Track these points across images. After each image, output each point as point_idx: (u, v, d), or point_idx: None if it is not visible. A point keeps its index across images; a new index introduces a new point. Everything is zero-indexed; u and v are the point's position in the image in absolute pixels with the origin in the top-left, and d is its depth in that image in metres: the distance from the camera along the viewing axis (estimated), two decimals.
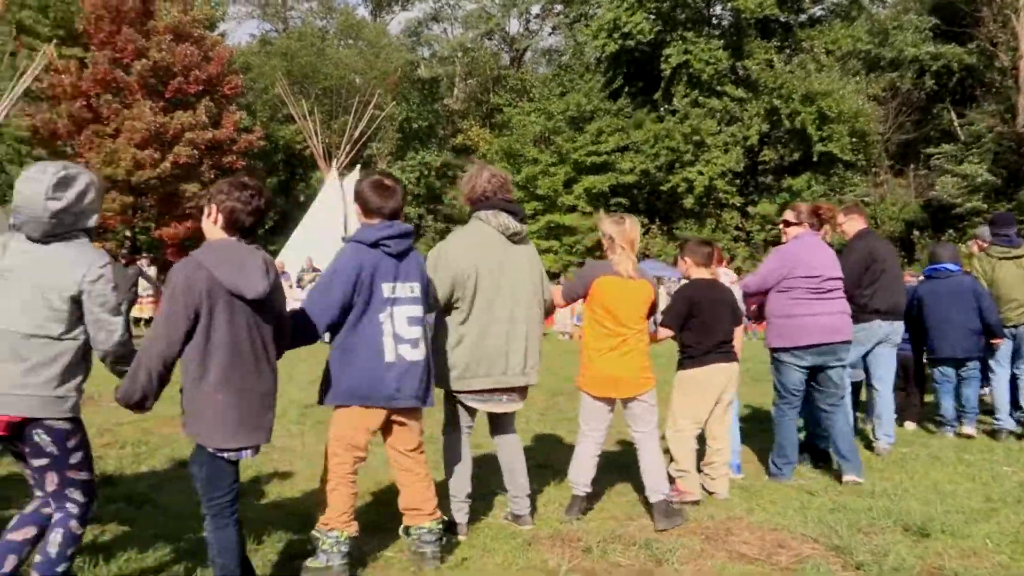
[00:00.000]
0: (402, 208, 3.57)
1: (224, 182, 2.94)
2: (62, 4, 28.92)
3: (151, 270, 18.65)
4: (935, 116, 32.55)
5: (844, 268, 5.30)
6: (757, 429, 6.64)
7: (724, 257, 5.73)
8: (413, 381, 3.38)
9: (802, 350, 5.01)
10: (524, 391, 4.08)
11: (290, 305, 3.30)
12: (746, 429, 6.41)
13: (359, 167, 22.66)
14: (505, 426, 4.15)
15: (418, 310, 3.46)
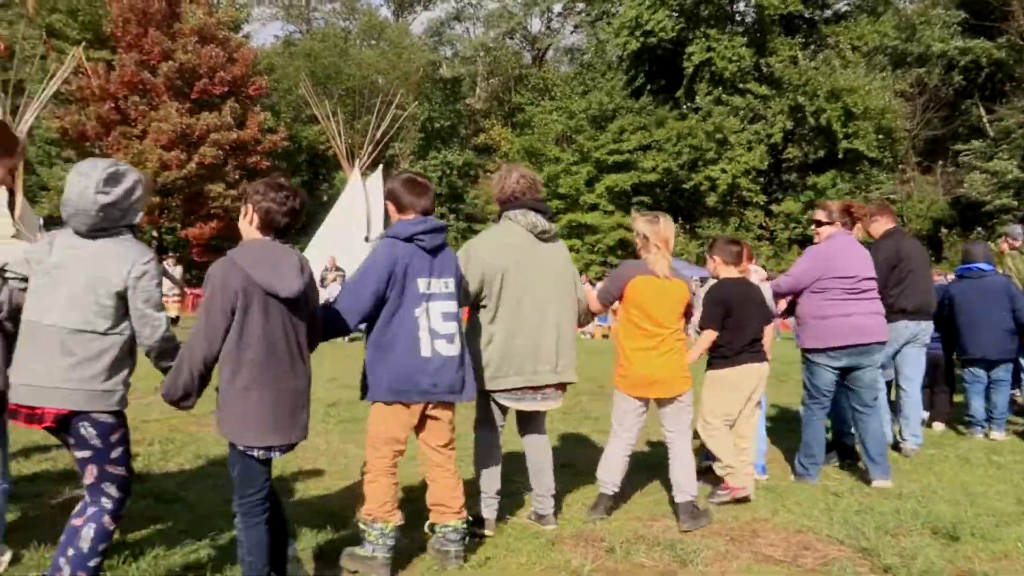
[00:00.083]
0: (434, 206, 3.62)
1: (260, 183, 2.98)
2: (90, 7, 29.39)
3: (176, 270, 18.88)
4: (963, 112, 32.10)
5: None
6: (783, 429, 6.58)
7: (753, 255, 5.67)
8: (449, 376, 3.41)
9: (836, 351, 4.94)
10: (561, 389, 4.07)
11: None
12: (772, 429, 6.35)
13: (381, 167, 22.75)
14: (535, 425, 4.15)
15: (453, 306, 3.50)
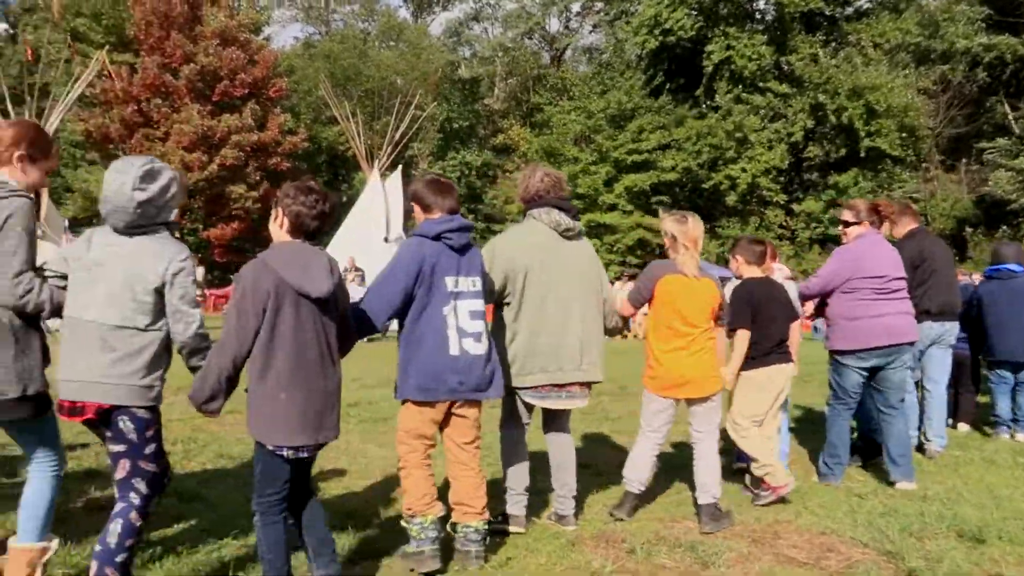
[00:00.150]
0: (459, 205, 3.64)
1: (290, 186, 3.00)
2: (114, 11, 29.79)
3: (198, 271, 19.05)
4: (988, 109, 31.67)
5: None
6: (808, 430, 6.52)
7: (777, 253, 5.61)
8: (476, 374, 3.44)
9: (866, 352, 4.88)
10: (587, 388, 4.07)
11: None
12: (796, 430, 6.29)
13: (400, 168, 22.84)
14: (560, 424, 4.15)
15: (480, 304, 3.53)
